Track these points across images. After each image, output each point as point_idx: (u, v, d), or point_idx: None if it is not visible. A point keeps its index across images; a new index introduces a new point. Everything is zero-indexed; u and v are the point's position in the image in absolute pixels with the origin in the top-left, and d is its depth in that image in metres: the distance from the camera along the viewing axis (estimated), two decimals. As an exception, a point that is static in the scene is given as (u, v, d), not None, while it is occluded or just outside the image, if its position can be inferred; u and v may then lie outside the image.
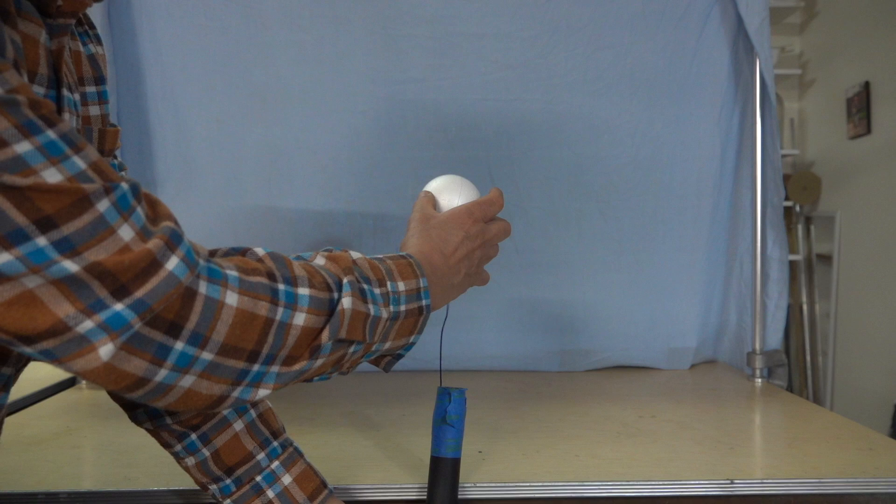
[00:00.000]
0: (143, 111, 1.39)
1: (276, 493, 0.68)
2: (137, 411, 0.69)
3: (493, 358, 1.47)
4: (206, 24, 1.37)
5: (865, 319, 2.57)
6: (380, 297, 0.56)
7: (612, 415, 1.13)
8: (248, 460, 0.68)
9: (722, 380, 1.41)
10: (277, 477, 0.69)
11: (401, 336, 0.60)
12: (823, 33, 2.84)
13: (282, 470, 0.69)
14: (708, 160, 1.46)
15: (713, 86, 1.44)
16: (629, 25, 1.41)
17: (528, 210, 1.44)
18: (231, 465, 0.68)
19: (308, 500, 0.69)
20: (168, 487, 0.81)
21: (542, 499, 0.83)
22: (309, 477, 0.70)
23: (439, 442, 0.73)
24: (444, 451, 0.73)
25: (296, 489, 0.69)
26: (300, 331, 0.49)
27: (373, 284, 0.56)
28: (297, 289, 0.50)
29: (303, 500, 0.69)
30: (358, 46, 1.39)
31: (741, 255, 1.46)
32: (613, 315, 1.46)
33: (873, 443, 0.97)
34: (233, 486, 0.68)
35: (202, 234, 1.63)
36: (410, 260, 0.62)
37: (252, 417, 0.70)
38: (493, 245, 0.72)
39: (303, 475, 0.70)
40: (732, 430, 1.06)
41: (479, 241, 0.69)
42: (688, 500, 0.83)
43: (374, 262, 0.58)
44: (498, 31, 1.40)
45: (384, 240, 1.43)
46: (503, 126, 1.42)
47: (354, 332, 0.53)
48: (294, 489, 0.69)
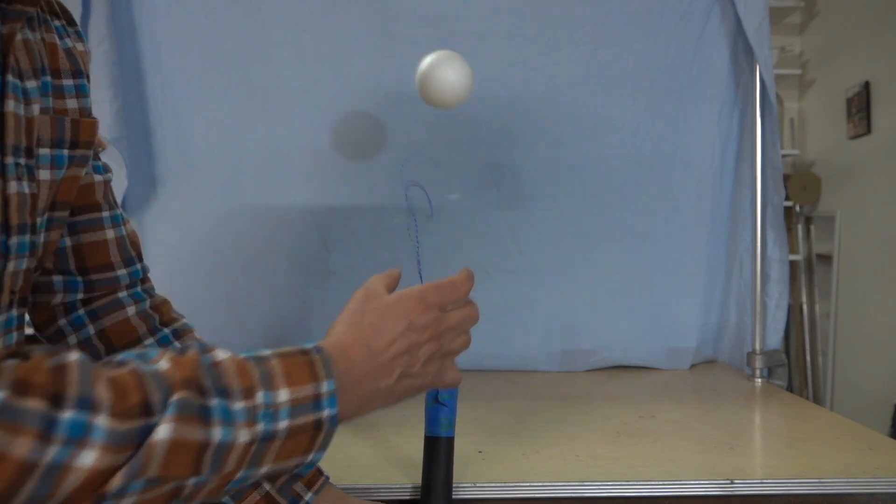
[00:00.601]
0: (143, 111, 1.39)
1: (273, 485, 0.68)
2: None
3: (493, 358, 1.46)
4: (206, 24, 1.37)
5: (865, 319, 2.57)
6: (240, 415, 0.44)
7: (612, 415, 1.13)
8: None
9: (722, 380, 1.41)
10: None
11: (287, 458, 0.47)
12: (823, 33, 2.84)
13: None
14: (708, 160, 1.46)
15: (713, 86, 1.44)
16: (630, 25, 1.41)
17: (528, 209, 1.44)
18: None
19: (306, 488, 0.69)
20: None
21: (542, 499, 0.82)
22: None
23: (433, 421, 0.74)
24: (437, 430, 0.74)
25: (293, 479, 0.69)
26: (84, 474, 0.38)
27: (231, 397, 0.44)
28: (92, 417, 0.38)
29: (301, 488, 0.69)
30: (358, 46, 1.39)
31: (741, 255, 1.46)
32: (613, 315, 1.46)
33: (873, 443, 0.97)
34: None
35: (202, 234, 1.63)
36: (313, 357, 0.49)
37: None
38: (453, 337, 0.59)
39: None
40: (732, 430, 1.06)
41: (429, 334, 0.57)
42: (688, 500, 0.82)
43: (247, 363, 0.47)
44: (498, 31, 1.40)
45: (383, 240, 1.42)
46: (504, 125, 1.42)
47: (176, 469, 0.41)
48: (291, 479, 0.69)
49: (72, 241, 0.68)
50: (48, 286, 0.69)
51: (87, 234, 0.69)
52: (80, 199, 0.67)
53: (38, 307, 0.70)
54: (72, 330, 0.70)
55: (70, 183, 0.62)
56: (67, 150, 0.61)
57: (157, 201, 1.41)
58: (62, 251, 0.68)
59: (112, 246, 0.71)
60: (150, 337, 0.71)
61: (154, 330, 0.72)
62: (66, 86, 0.61)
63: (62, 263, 0.68)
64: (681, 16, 1.41)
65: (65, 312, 0.70)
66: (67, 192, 0.62)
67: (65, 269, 0.68)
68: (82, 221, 0.68)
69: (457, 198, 1.44)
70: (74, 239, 0.68)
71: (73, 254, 0.68)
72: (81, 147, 0.62)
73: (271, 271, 1.43)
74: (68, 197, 0.63)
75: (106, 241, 0.70)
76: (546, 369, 1.47)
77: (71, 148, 0.61)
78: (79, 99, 0.62)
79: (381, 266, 1.58)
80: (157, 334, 0.72)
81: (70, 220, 0.67)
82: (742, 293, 1.47)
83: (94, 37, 1.30)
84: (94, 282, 0.70)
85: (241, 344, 1.42)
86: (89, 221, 0.69)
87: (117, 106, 1.33)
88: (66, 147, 0.60)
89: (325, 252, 1.43)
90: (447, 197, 1.43)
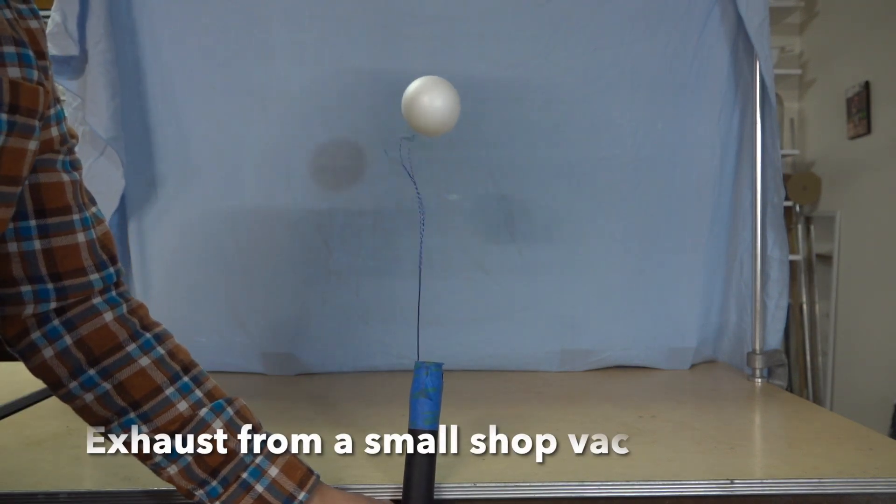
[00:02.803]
0: (143, 111, 1.39)
1: (265, 487, 0.68)
2: (112, 425, 0.69)
3: (493, 358, 1.46)
4: (206, 24, 1.36)
5: (865, 319, 2.57)
6: None
7: (612, 415, 1.13)
8: (231, 459, 0.68)
9: (722, 380, 1.41)
10: (264, 471, 0.68)
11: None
12: (823, 33, 2.84)
13: (267, 463, 0.69)
14: (708, 160, 1.46)
15: (713, 86, 1.44)
16: (629, 25, 1.41)
17: (528, 210, 1.44)
18: (215, 466, 0.68)
19: (298, 487, 0.69)
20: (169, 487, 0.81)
21: (541, 498, 0.83)
22: (295, 466, 0.70)
23: (416, 415, 0.74)
24: (420, 423, 0.74)
25: (284, 479, 0.69)
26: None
27: None
28: None
29: (293, 488, 0.69)
30: (358, 46, 1.39)
31: (741, 255, 1.46)
32: (613, 315, 1.46)
33: (873, 443, 0.97)
34: (220, 487, 0.68)
35: (202, 234, 1.63)
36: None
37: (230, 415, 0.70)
38: None
39: (288, 465, 0.70)
40: (732, 430, 1.06)
41: None
42: (688, 500, 0.83)
43: None
44: (498, 31, 1.40)
45: (384, 239, 1.42)
46: (503, 126, 1.42)
47: None
48: (282, 479, 0.69)
49: (41, 244, 0.65)
50: (17, 297, 0.66)
51: (57, 237, 0.66)
52: (49, 202, 0.65)
53: (7, 320, 0.68)
54: (46, 342, 0.67)
55: (14, 156, 0.59)
56: (6, 114, 0.58)
57: (157, 201, 1.41)
58: (31, 255, 0.65)
59: (83, 249, 0.68)
60: (132, 343, 0.69)
61: (135, 335, 0.70)
62: (7, 53, 0.59)
63: (32, 270, 0.66)
64: (680, 16, 1.41)
65: (38, 324, 0.68)
66: (13, 166, 0.59)
67: (35, 275, 0.66)
68: (52, 224, 0.66)
69: (457, 198, 1.44)
70: (45, 243, 0.66)
71: (43, 258, 0.66)
72: (23, 113, 0.59)
73: (271, 271, 1.43)
74: (14, 171, 0.60)
75: (77, 244, 0.67)
76: (546, 369, 1.47)
77: (10, 112, 0.58)
78: (22, 68, 0.60)
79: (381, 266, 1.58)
80: (139, 339, 0.70)
81: (40, 223, 0.65)
82: (742, 293, 1.47)
83: (93, 37, 1.29)
84: (66, 288, 0.67)
85: (241, 344, 1.43)
86: (60, 225, 0.66)
87: (114, 106, 1.32)
88: (5, 111, 0.58)
89: (325, 252, 1.43)
90: (447, 197, 1.44)
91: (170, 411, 0.68)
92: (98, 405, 0.68)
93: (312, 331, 1.43)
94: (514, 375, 1.44)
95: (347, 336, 1.42)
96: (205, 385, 0.71)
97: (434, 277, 1.44)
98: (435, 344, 1.46)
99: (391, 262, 1.42)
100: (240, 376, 1.42)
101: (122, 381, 0.68)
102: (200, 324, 1.42)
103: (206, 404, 0.69)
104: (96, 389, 0.68)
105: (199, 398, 0.69)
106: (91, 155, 1.32)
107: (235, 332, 1.42)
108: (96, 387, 0.68)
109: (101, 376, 0.67)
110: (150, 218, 1.41)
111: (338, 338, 1.43)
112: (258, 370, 1.44)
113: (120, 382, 0.67)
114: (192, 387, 0.70)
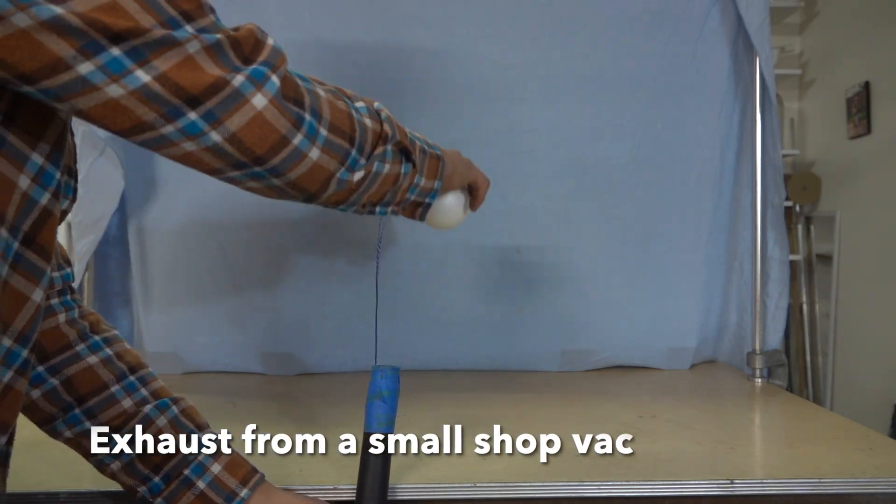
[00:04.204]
0: (143, 111, 1.39)
1: (206, 483, 0.68)
2: (56, 422, 0.69)
3: (493, 358, 1.47)
4: (206, 24, 1.36)
5: (865, 319, 2.57)
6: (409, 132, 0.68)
7: (612, 415, 1.13)
8: (174, 455, 0.68)
9: (722, 380, 1.41)
10: (206, 467, 0.68)
11: (429, 176, 0.72)
12: (823, 33, 2.84)
13: (210, 460, 0.69)
14: (708, 160, 1.46)
15: (713, 86, 1.44)
16: (629, 25, 1.41)
17: (528, 210, 1.44)
18: (157, 463, 0.68)
19: (240, 484, 0.69)
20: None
21: (541, 498, 0.83)
22: (238, 463, 0.70)
23: (371, 418, 0.74)
24: (375, 426, 0.74)
25: (226, 476, 0.68)
26: (371, 129, 0.62)
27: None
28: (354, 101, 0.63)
29: (235, 485, 0.69)
30: (358, 47, 1.39)
31: (741, 255, 1.46)
32: (613, 315, 1.46)
33: (873, 443, 0.97)
34: (162, 483, 0.68)
35: (202, 234, 1.63)
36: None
37: (175, 413, 0.70)
38: None
39: (232, 463, 0.70)
40: (732, 430, 1.06)
41: None
42: (688, 500, 0.83)
43: None
44: (498, 33, 1.40)
45: (385, 237, 1.42)
46: (503, 126, 1.42)
47: (404, 140, 0.65)
48: (225, 477, 0.68)
49: None
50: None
51: None
52: None
53: None
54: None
55: None
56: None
57: (157, 201, 1.41)
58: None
59: None
60: (81, 343, 0.70)
61: (84, 336, 0.71)
62: None
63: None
64: (680, 16, 1.41)
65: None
66: None
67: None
68: None
69: (457, 198, 1.44)
70: None
71: None
72: None
73: (272, 271, 1.43)
74: None
75: None
76: (546, 369, 1.47)
77: None
78: None
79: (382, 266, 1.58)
80: (88, 340, 0.70)
81: None
82: (742, 293, 1.47)
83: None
84: None
85: (241, 343, 1.43)
86: None
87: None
88: None
89: (326, 252, 1.43)
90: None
91: (114, 407, 0.69)
92: (45, 401, 0.68)
93: (312, 331, 1.43)
94: (513, 375, 1.44)
95: (347, 336, 1.42)
96: (151, 385, 0.72)
97: (434, 277, 1.44)
98: (435, 344, 1.48)
99: (391, 261, 1.42)
100: (239, 376, 1.42)
101: (70, 377, 0.68)
102: (200, 324, 1.42)
103: (151, 402, 0.70)
104: (44, 385, 0.68)
105: (143, 396, 0.70)
106: (91, 155, 1.32)
107: (235, 332, 1.42)
108: (44, 383, 0.68)
109: (49, 373, 0.68)
110: (151, 218, 1.41)
111: (338, 338, 1.43)
112: (257, 370, 1.44)
113: (68, 378, 0.68)
114: (138, 385, 0.71)
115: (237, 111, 0.50)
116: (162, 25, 0.46)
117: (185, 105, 0.48)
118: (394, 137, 0.64)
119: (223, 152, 0.51)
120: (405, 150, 0.66)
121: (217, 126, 0.49)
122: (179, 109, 0.48)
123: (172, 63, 0.47)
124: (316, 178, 0.57)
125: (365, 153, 0.61)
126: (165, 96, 0.47)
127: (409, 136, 0.67)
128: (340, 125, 0.58)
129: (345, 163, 0.59)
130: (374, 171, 0.62)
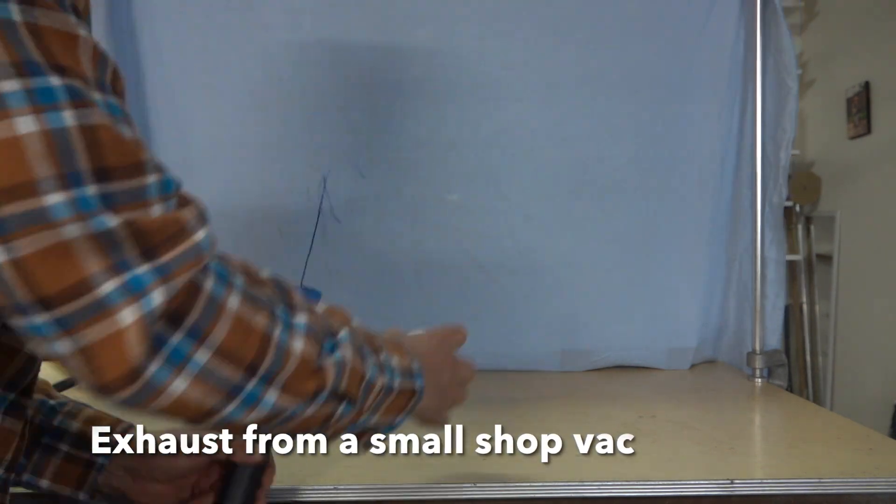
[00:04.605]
0: (143, 111, 1.39)
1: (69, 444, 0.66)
2: None
3: (493, 357, 1.46)
4: (206, 24, 1.37)
5: (865, 319, 2.57)
6: (375, 366, 0.53)
7: (612, 415, 1.13)
8: None
9: (722, 380, 1.41)
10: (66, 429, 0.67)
11: (389, 414, 0.57)
12: (823, 33, 2.84)
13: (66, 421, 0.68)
14: (708, 160, 1.46)
15: (713, 86, 1.44)
16: (629, 25, 1.41)
17: (528, 210, 1.44)
18: None
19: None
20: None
21: (541, 498, 0.83)
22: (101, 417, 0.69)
23: None
24: None
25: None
26: (299, 357, 0.46)
27: (369, 348, 0.54)
28: (294, 315, 0.48)
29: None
30: (358, 46, 1.39)
31: (741, 256, 1.46)
32: (613, 315, 1.46)
33: (873, 443, 0.97)
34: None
35: (202, 234, 1.60)
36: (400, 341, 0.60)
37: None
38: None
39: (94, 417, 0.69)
40: (732, 430, 1.06)
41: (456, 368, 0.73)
42: (688, 500, 0.82)
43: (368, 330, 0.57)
44: (498, 32, 1.40)
45: (385, 239, 1.42)
46: (503, 126, 1.42)
47: (352, 388, 0.50)
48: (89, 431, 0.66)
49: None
50: None
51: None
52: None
53: None
54: None
55: None
56: None
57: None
58: None
59: None
60: None
61: None
62: None
63: None
64: (680, 15, 1.41)
65: None
66: None
67: None
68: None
69: (456, 198, 1.44)
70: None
71: None
72: None
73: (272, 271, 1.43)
74: None
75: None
76: (546, 369, 1.47)
77: None
78: None
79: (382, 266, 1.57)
80: None
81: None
82: (742, 293, 1.47)
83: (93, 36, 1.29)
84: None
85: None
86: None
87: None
88: None
89: (326, 252, 1.43)
90: (447, 197, 1.44)
91: None
92: None
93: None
94: (513, 375, 1.44)
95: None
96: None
97: (434, 277, 1.44)
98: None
99: (391, 261, 1.42)
100: (240, 376, 1.42)
101: None
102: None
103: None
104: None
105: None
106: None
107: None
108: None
109: None
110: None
111: (338, 338, 1.43)
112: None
113: None
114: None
115: (96, 323, 0.39)
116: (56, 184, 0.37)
117: (37, 304, 0.38)
118: (335, 387, 0.49)
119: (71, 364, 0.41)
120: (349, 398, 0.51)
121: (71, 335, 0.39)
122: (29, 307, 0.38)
123: (38, 248, 0.37)
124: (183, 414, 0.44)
125: (277, 385, 0.45)
126: (14, 287, 0.37)
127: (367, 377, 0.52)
128: (237, 349, 0.44)
129: (234, 397, 0.44)
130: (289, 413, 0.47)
